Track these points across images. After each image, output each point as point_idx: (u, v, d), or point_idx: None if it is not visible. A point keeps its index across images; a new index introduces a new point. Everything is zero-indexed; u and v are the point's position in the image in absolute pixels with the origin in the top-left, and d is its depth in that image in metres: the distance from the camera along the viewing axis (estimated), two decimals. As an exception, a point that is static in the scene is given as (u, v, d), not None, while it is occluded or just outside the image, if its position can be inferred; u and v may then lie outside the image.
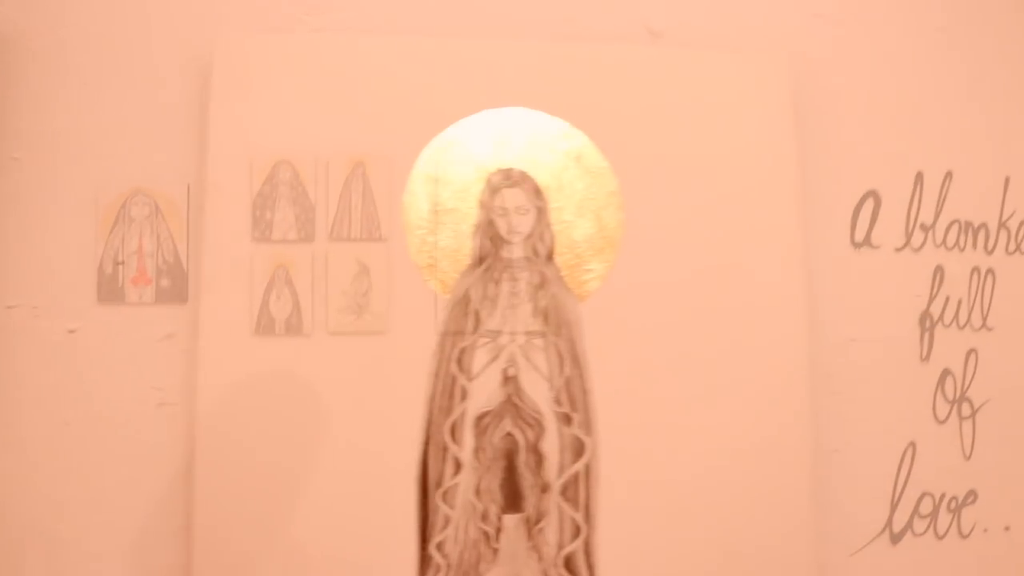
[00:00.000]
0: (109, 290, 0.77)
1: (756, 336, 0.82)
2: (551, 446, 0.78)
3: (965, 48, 0.93)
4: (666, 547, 0.79)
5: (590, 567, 0.78)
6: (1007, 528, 0.90)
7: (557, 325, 0.79)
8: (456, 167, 0.79)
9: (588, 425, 0.78)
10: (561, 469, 0.78)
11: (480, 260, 0.79)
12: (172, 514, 0.77)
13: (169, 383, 0.78)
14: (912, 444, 0.88)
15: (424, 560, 0.76)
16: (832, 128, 0.88)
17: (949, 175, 0.91)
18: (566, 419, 0.78)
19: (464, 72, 0.80)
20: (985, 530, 0.89)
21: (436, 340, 0.77)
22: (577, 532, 0.78)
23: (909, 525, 0.87)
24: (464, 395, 0.77)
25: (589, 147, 0.81)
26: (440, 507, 0.76)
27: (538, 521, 0.78)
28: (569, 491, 0.78)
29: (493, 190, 0.79)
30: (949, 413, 0.89)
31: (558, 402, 0.78)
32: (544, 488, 0.78)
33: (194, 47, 0.80)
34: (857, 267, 0.89)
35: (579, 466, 0.78)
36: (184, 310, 0.78)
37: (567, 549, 0.78)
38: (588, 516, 0.78)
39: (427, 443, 0.77)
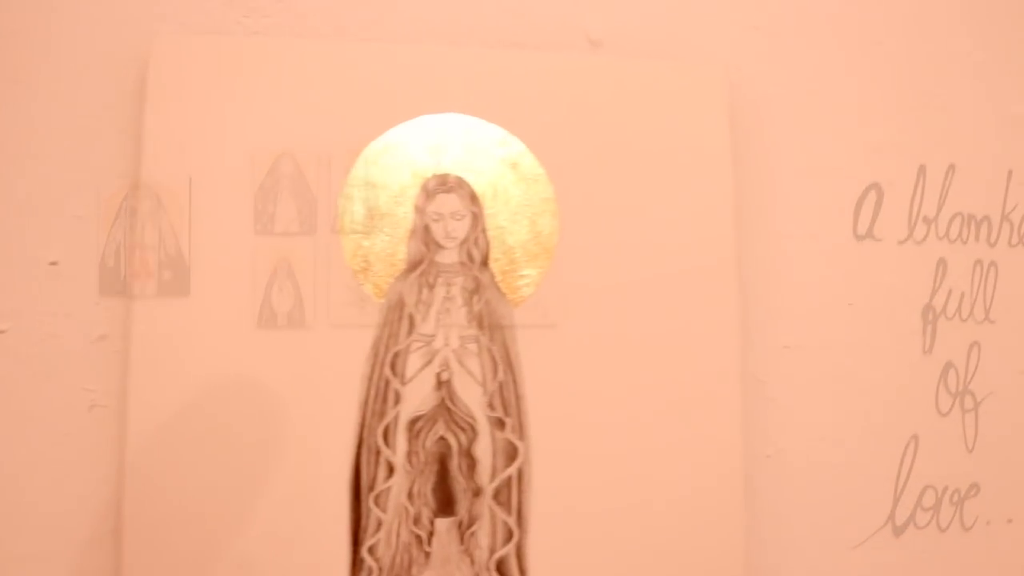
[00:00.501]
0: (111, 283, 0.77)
1: (690, 341, 0.83)
2: (484, 450, 0.79)
3: (903, 60, 0.95)
4: (598, 551, 0.80)
5: (522, 571, 0.78)
6: (1010, 521, 0.91)
7: (491, 330, 0.79)
8: (392, 172, 0.79)
9: (521, 430, 0.79)
10: (494, 473, 0.78)
11: (415, 265, 0.79)
12: (103, 517, 0.76)
13: (102, 384, 0.77)
14: (915, 437, 0.89)
15: (356, 563, 0.76)
16: (766, 138, 0.90)
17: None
18: (499, 424, 0.79)
19: (401, 77, 0.81)
20: (988, 523, 0.90)
21: (370, 344, 0.78)
22: (509, 536, 0.78)
23: (912, 518, 0.88)
24: (397, 399, 0.78)
25: (525, 154, 0.82)
26: (372, 511, 0.77)
27: (470, 525, 0.78)
28: (502, 495, 0.78)
29: (429, 195, 0.80)
30: (952, 406, 0.90)
31: (491, 407, 0.79)
32: (477, 492, 0.78)
33: (134, 47, 0.80)
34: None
35: (512, 470, 0.78)
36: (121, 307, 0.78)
37: (499, 553, 0.78)
38: (520, 520, 0.78)
39: (360, 447, 0.77)
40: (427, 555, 0.77)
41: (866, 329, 0.90)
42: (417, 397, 0.78)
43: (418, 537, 0.77)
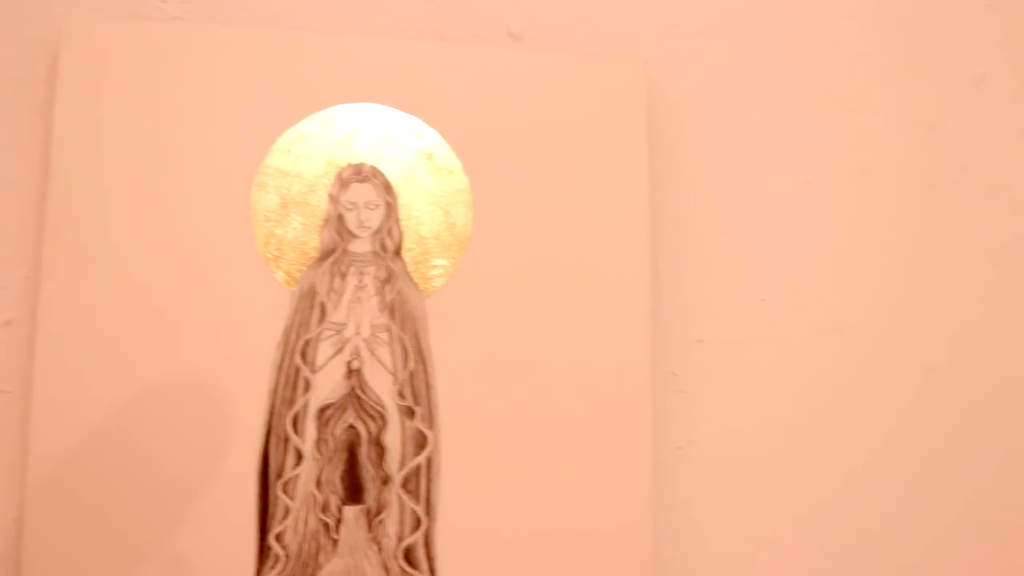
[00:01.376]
0: None
1: (600, 336, 0.83)
2: (393, 439, 0.79)
3: (821, 61, 0.96)
4: (506, 540, 0.80)
5: (430, 559, 0.79)
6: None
7: (402, 320, 0.80)
8: (306, 161, 0.80)
9: (431, 419, 0.79)
10: (403, 462, 0.79)
11: (327, 253, 0.79)
12: (5, 505, 0.76)
13: (7, 370, 0.77)
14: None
15: (263, 551, 0.76)
16: (682, 134, 0.91)
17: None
18: (409, 412, 0.79)
19: (318, 66, 0.81)
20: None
21: (280, 332, 0.78)
22: (417, 524, 0.79)
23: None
24: (307, 387, 0.78)
25: (441, 145, 0.82)
26: (280, 498, 0.77)
27: (379, 513, 0.78)
28: (410, 483, 0.79)
29: (343, 184, 0.80)
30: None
31: (401, 396, 0.79)
32: (385, 480, 0.79)
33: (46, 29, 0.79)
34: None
35: (421, 459, 0.79)
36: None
37: (407, 541, 0.79)
38: (429, 508, 0.79)
39: (268, 434, 0.77)
40: (335, 543, 0.77)
41: (780, 327, 0.92)
42: (327, 385, 0.78)
43: (326, 525, 0.77)
